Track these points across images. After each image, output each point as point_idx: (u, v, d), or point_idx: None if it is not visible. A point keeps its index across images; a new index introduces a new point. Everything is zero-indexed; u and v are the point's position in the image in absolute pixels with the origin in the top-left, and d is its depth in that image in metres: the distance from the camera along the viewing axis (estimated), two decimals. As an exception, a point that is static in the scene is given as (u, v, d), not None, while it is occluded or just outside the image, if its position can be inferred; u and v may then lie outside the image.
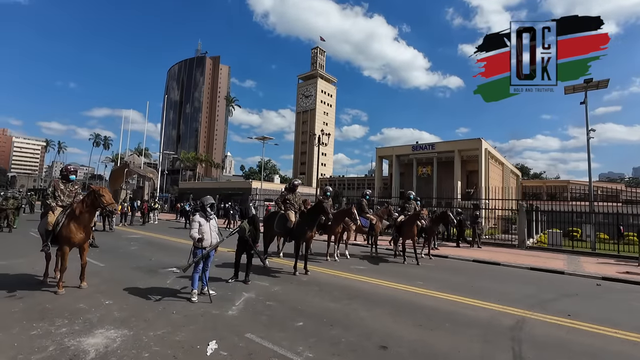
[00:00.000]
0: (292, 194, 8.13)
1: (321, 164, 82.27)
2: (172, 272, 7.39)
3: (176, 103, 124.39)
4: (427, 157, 42.71)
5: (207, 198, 5.71)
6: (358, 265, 9.10)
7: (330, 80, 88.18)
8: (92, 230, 10.69)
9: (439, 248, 13.71)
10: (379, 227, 11.01)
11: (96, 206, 5.88)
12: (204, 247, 5.48)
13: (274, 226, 7.96)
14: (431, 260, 10.80)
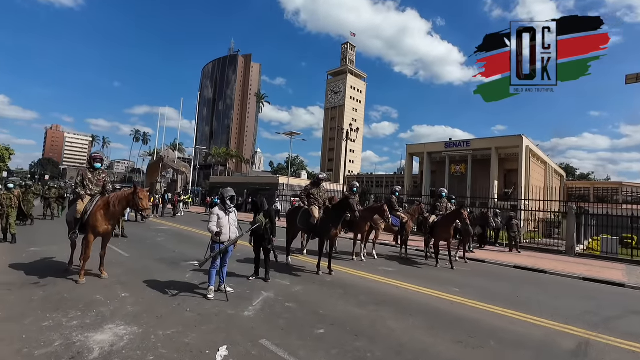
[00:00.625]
0: (316, 189, 7.67)
1: (349, 161, 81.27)
2: (193, 266, 7.22)
3: (209, 100, 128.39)
4: (461, 154, 40.62)
5: (227, 190, 5.39)
6: (386, 267, 8.49)
7: (360, 76, 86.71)
8: (122, 222, 11.07)
9: (475, 251, 12.70)
10: (410, 226, 10.30)
11: (131, 206, 5.86)
12: (222, 242, 5.17)
13: (297, 222, 7.56)
14: (467, 265, 9.93)
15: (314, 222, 7.14)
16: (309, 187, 7.73)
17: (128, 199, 5.79)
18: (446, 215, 9.49)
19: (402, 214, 10.28)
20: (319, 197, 7.59)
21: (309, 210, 7.42)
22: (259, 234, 6.14)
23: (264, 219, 6.11)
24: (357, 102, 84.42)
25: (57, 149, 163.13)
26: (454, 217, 9.12)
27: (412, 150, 45.49)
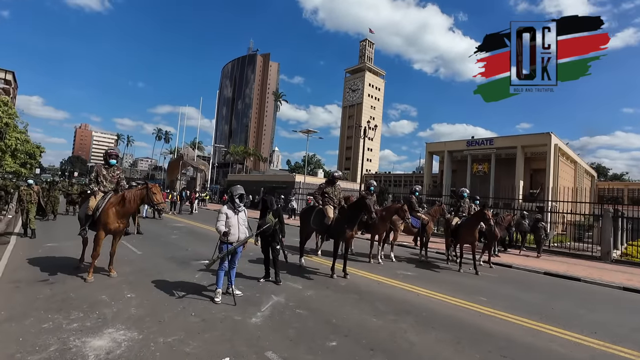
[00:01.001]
0: (331, 187, 7.29)
1: (367, 160, 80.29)
2: (203, 265, 7.01)
3: (229, 100, 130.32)
4: (483, 153, 39.09)
5: (236, 188, 5.11)
6: (405, 271, 8.02)
7: (379, 73, 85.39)
8: (138, 218, 11.12)
9: (500, 255, 11.96)
10: (431, 228, 9.76)
11: (145, 202, 5.74)
12: (231, 242, 4.90)
13: (310, 222, 7.21)
14: (492, 270, 9.29)
15: (328, 222, 6.78)
16: (324, 185, 7.37)
17: (142, 195, 5.68)
18: (470, 217, 8.89)
19: (423, 214, 9.75)
20: (333, 196, 7.21)
21: (323, 210, 7.05)
22: (267, 235, 5.85)
23: (274, 218, 5.81)
24: (375, 99, 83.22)
25: (86, 147, 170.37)
26: (477, 219, 8.51)
27: (431, 148, 44.24)
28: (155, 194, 5.64)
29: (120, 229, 5.83)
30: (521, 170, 35.53)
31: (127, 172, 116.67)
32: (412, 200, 9.75)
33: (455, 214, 9.64)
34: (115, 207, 5.69)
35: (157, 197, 5.65)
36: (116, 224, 5.71)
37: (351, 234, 6.66)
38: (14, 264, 6.32)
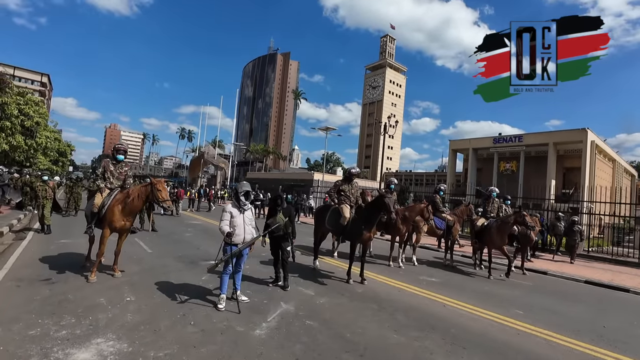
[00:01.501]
0: (347, 185, 6.74)
1: (387, 158, 78.84)
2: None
3: (249, 99, 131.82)
4: (511, 150, 37.16)
5: (241, 184, 4.69)
6: (429, 277, 7.35)
7: (400, 70, 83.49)
8: (152, 215, 11.02)
9: (533, 260, 10.99)
10: (457, 230, 9.01)
11: (151, 199, 5.44)
12: (236, 244, 4.48)
13: (325, 222, 6.70)
14: (526, 277, 8.44)
15: (344, 222, 6.24)
16: (339, 182, 6.83)
17: (147, 192, 5.38)
18: (504, 219, 8.10)
19: (448, 215, 9.01)
20: (350, 195, 6.65)
21: (338, 209, 6.52)
22: (276, 235, 5.38)
23: (284, 217, 5.34)
24: (396, 96, 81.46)
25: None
26: (513, 221, 7.72)
27: (455, 146, 42.58)
28: (160, 191, 5.33)
29: (126, 227, 5.56)
30: (553, 168, 33.47)
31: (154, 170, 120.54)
32: (436, 200, 9.04)
33: (482, 215, 8.85)
34: (121, 204, 5.42)
35: (162, 194, 5.33)
36: (122, 222, 5.45)
37: (369, 236, 6.09)
38: (23, 261, 6.21)
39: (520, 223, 7.73)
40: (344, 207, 6.42)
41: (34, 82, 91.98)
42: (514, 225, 7.89)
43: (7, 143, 18.10)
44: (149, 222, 10.70)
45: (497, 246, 8.10)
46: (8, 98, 16.31)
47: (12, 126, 17.96)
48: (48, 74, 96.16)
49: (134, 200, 5.38)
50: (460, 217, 9.29)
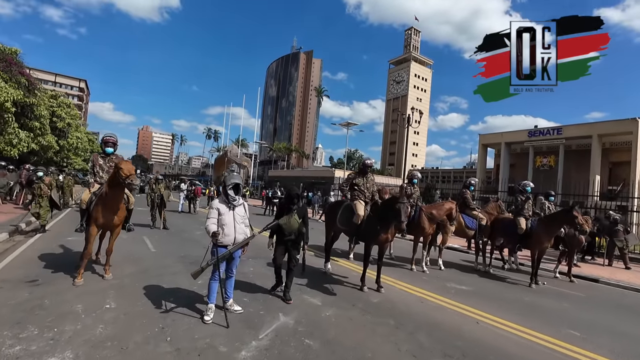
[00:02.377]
0: (362, 178, 5.93)
1: (412, 155, 76.45)
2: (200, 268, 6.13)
3: (273, 98, 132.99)
4: (549, 144, 34.43)
5: (230, 176, 4.04)
6: (458, 284, 6.40)
7: (426, 63, 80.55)
8: (164, 212, 10.74)
9: (580, 265, 9.64)
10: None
11: (118, 182, 4.90)
12: (224, 245, 3.84)
13: (337, 220, 5.93)
14: (574, 285, 7.26)
15: (357, 221, 5.44)
16: (352, 175, 6.03)
17: (115, 176, 4.71)
18: (549, 218, 6.99)
19: (480, 213, 7.95)
20: (365, 189, 5.84)
21: (351, 205, 5.73)
22: (287, 239, 4.56)
23: (298, 219, 4.51)
24: (421, 91, 78.73)
25: (147, 147, 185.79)
26: (560, 221, 6.60)
27: (486, 140, 40.20)
28: (122, 168, 4.59)
29: (112, 224, 5.07)
30: (597, 163, 30.61)
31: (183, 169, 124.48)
32: (466, 196, 8.01)
33: (516, 214, 7.71)
34: (101, 198, 4.95)
35: (123, 170, 4.58)
36: (105, 216, 4.94)
37: (386, 237, 5.26)
38: (21, 260, 5.94)
39: (570, 223, 6.59)
40: (357, 204, 5.62)
41: (73, 88, 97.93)
42: (562, 225, 6.77)
43: (36, 143, 18.78)
44: (161, 219, 10.43)
45: (543, 249, 7.00)
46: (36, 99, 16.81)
47: (41, 126, 18.58)
48: (85, 79, 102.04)
49: (107, 190, 4.86)
50: (492, 214, 8.19)
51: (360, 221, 5.41)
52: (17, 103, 15.54)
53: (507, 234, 7.66)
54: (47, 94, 26.86)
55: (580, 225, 6.52)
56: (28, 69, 20.47)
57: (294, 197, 4.57)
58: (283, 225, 4.40)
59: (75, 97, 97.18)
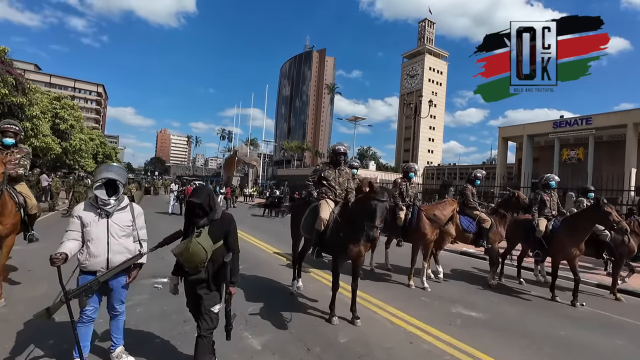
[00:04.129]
0: (333, 170, 4.47)
1: (428, 151, 73.84)
2: (153, 287, 4.90)
3: (287, 98, 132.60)
4: (577, 136, 31.67)
5: (101, 169, 2.72)
6: (466, 307, 4.88)
7: (441, 55, 77.51)
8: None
9: (628, 280, 7.79)
10: (499, 234, 6.33)
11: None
12: (91, 271, 2.56)
13: (301, 225, 4.53)
14: (621, 305, 5.61)
15: (320, 227, 4.03)
16: (321, 166, 4.57)
17: None
18: (574, 217, 5.46)
19: (483, 213, 6.31)
20: (335, 185, 4.39)
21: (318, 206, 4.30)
22: (192, 278, 2.60)
23: (209, 240, 2.51)
24: (437, 84, 75.83)
25: (165, 149, 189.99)
26: (589, 220, 5.08)
27: (506, 133, 37.64)
28: None
29: (2, 230, 3.91)
30: (633, 154, 27.72)
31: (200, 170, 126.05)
32: (466, 192, 6.46)
33: (539, 213, 6.08)
34: None
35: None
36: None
37: (359, 250, 3.83)
38: None
39: (602, 222, 5.06)
40: (322, 204, 4.18)
41: (91, 93, 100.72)
42: (592, 226, 5.22)
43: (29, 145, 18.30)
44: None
45: (569, 257, 5.44)
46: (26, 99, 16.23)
47: (33, 127, 18.08)
48: (103, 84, 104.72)
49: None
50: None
51: (324, 227, 3.98)
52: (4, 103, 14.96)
53: (525, 237, 6.11)
54: (50, 95, 26.70)
55: (616, 222, 4.99)
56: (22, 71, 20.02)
57: (197, 205, 2.56)
58: (177, 255, 2.55)
59: (94, 102, 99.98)
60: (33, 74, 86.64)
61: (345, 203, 4.14)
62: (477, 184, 6.69)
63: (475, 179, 6.69)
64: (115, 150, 52.57)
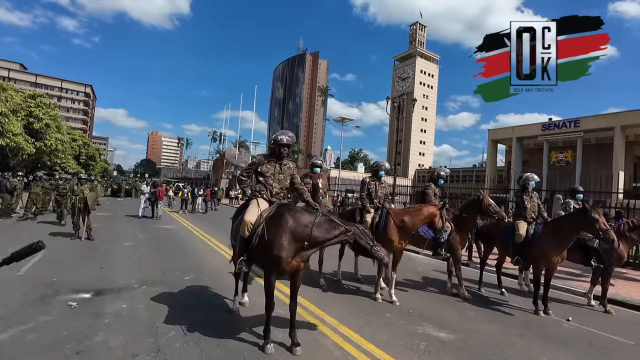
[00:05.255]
0: (272, 165, 3.65)
1: (419, 153, 73.72)
2: (67, 305, 4.12)
3: (280, 101, 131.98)
4: (565, 138, 31.61)
5: None
6: (435, 326, 4.20)
7: (432, 58, 77.67)
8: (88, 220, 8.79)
9: (614, 283, 7.26)
10: (459, 242, 5.66)
11: None
12: None
13: (231, 232, 3.80)
14: (612, 319, 5.04)
15: (244, 233, 3.32)
16: (260, 159, 3.77)
17: None
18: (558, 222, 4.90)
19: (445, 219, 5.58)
20: (273, 183, 3.64)
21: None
22: None
23: None
24: (428, 87, 75.87)
25: (157, 151, 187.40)
26: (574, 226, 4.51)
27: (495, 136, 37.50)
28: None
29: None
30: (621, 157, 27.66)
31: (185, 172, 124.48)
32: (427, 191, 5.86)
33: (516, 216, 5.50)
34: None
35: None
36: None
37: (298, 263, 3.13)
38: None
39: (588, 229, 4.48)
40: (252, 205, 3.46)
41: (79, 93, 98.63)
42: (578, 233, 4.65)
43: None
44: (84, 227, 8.51)
45: (551, 265, 4.88)
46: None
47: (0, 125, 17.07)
48: (91, 84, 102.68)
49: None
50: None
51: (250, 232, 3.27)
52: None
53: (502, 242, 5.52)
54: (25, 93, 25.61)
55: (602, 231, 4.39)
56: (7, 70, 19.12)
57: None
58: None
59: (82, 102, 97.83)
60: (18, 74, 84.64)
61: (280, 204, 3.41)
62: (440, 183, 6.09)
63: (438, 177, 6.07)
64: (99, 151, 51.18)
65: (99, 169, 59.68)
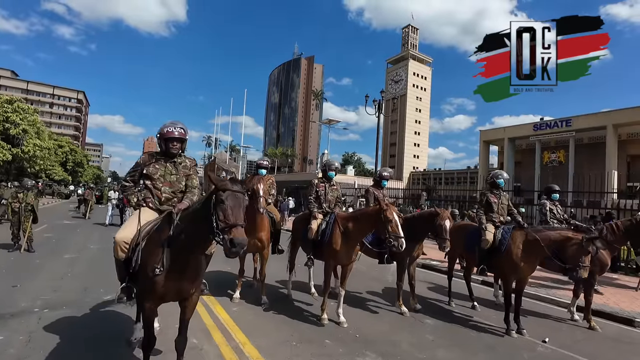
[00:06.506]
0: (162, 165, 2.92)
1: (413, 156, 73.29)
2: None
3: (275, 105, 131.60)
4: (557, 138, 31.15)
5: None
6: (379, 357, 3.50)
7: (425, 61, 77.56)
8: (30, 230, 7.97)
9: (603, 291, 6.60)
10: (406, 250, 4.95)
11: None
12: None
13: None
14: (595, 336, 4.39)
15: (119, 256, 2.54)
16: (143, 159, 2.93)
17: None
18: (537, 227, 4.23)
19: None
20: (163, 186, 2.82)
21: None
22: None
23: None
24: (421, 90, 75.64)
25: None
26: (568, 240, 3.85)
27: (487, 137, 37.04)
28: None
29: None
30: (614, 156, 27.18)
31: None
32: (367, 197, 5.19)
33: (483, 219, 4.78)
34: None
35: None
36: None
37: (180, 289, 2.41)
38: None
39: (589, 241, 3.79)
40: (129, 220, 2.69)
41: (71, 100, 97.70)
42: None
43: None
44: (24, 238, 7.76)
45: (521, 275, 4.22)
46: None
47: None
48: (83, 91, 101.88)
49: None
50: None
51: (128, 251, 2.56)
52: None
53: (469, 249, 4.85)
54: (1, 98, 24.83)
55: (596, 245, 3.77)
56: None
57: None
58: None
59: (74, 109, 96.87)
60: (10, 81, 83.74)
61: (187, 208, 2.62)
62: (384, 185, 5.41)
63: (380, 179, 5.39)
64: (87, 157, 50.25)
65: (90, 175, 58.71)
